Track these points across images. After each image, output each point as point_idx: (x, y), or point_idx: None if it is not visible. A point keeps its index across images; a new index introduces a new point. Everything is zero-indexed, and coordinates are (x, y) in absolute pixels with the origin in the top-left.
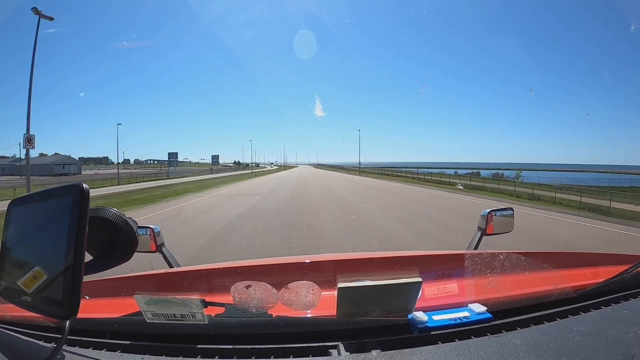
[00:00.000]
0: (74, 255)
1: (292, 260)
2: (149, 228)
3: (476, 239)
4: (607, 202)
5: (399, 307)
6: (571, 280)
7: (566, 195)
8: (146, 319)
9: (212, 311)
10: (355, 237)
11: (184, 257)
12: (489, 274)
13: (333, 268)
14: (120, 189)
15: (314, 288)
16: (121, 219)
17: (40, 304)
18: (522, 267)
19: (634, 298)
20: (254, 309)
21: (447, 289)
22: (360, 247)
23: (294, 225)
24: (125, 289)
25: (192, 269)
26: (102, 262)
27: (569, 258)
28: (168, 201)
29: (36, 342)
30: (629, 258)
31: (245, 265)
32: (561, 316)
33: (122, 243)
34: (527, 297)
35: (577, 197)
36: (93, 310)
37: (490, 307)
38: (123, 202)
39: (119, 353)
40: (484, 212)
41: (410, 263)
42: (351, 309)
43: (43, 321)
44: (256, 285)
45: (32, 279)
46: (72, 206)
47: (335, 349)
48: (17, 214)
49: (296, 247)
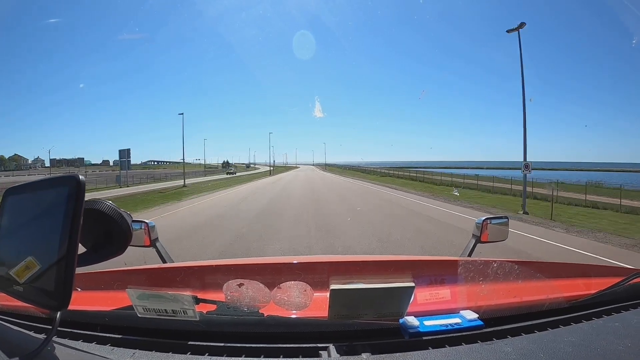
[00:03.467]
0: (67, 246)
1: (286, 261)
2: (144, 222)
3: (470, 246)
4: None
5: (390, 311)
6: (563, 290)
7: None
8: (137, 313)
9: (203, 308)
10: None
11: None
12: (482, 281)
13: (326, 269)
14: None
15: (306, 289)
16: (116, 212)
17: (31, 295)
18: (515, 275)
19: (625, 310)
20: (246, 307)
21: (440, 294)
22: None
23: None
24: (117, 282)
25: (185, 265)
26: (95, 254)
27: (562, 268)
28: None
29: (26, 333)
30: (621, 270)
31: (238, 264)
32: (552, 326)
33: (116, 236)
34: (519, 306)
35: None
36: (85, 302)
37: (482, 314)
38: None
39: (109, 346)
40: (479, 220)
41: (404, 267)
42: (343, 311)
43: (34, 312)
44: (249, 284)
45: (24, 269)
46: (67, 197)
47: (325, 350)
48: (11, 203)
49: None
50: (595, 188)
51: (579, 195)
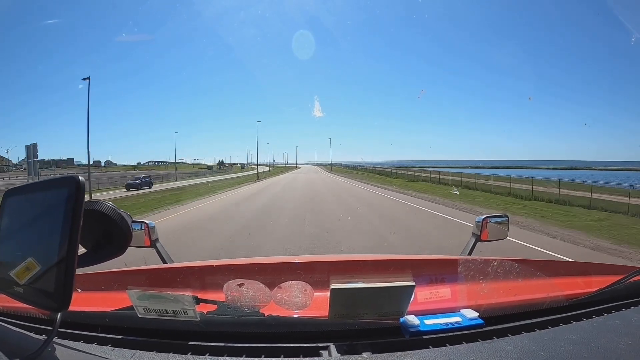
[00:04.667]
0: (67, 247)
1: (286, 260)
2: (144, 223)
3: (470, 244)
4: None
5: (391, 310)
6: (564, 288)
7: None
8: (138, 313)
9: (204, 308)
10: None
11: None
12: (482, 280)
13: (326, 269)
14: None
15: (306, 288)
16: (116, 213)
17: (32, 296)
18: (516, 274)
19: (625, 309)
20: (246, 307)
21: (440, 293)
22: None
23: None
24: (117, 283)
25: (186, 266)
26: (95, 255)
27: (562, 266)
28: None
29: (26, 334)
30: (621, 268)
31: (238, 264)
32: (553, 324)
33: (116, 237)
34: (519, 304)
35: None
36: (85, 303)
37: (482, 313)
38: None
39: (109, 347)
40: (479, 219)
41: (404, 267)
42: (343, 311)
43: (34, 313)
44: (249, 284)
45: (24, 270)
46: (67, 198)
47: (326, 350)
48: (11, 204)
49: None
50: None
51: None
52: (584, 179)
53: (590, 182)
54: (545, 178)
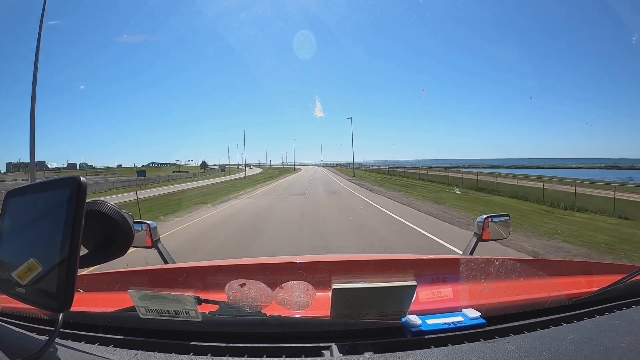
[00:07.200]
0: (69, 248)
1: (287, 260)
2: (145, 223)
3: (472, 244)
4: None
5: (393, 310)
6: (565, 288)
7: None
8: (140, 314)
9: (206, 308)
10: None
11: None
12: (484, 279)
13: (328, 269)
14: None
15: (308, 288)
16: (117, 213)
17: (34, 296)
18: (517, 273)
19: (627, 308)
20: (248, 307)
21: (442, 293)
22: None
23: None
24: (119, 283)
25: (187, 266)
26: (97, 256)
27: (564, 266)
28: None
29: (29, 334)
30: (623, 268)
31: (240, 264)
32: (555, 324)
33: (118, 237)
34: (521, 304)
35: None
36: (87, 304)
37: (484, 312)
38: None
39: (111, 348)
40: (480, 218)
41: (406, 266)
42: (345, 311)
43: (36, 313)
44: (251, 284)
45: (26, 271)
46: (68, 199)
47: (328, 350)
48: (13, 205)
49: None
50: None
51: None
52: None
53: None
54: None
